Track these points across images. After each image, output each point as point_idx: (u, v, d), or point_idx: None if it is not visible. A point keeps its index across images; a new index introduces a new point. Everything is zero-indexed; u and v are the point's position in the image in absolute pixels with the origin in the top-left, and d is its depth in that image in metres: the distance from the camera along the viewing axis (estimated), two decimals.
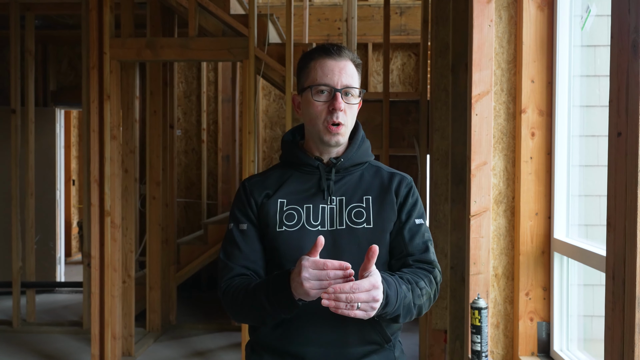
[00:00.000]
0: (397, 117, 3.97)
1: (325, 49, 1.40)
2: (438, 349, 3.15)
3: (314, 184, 1.42)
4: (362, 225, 1.38)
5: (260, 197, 1.42)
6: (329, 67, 1.38)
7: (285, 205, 1.40)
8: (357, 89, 1.40)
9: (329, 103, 1.37)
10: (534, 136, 2.18)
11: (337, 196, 1.41)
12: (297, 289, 1.20)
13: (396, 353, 1.43)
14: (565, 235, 2.15)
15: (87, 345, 4.35)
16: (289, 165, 1.47)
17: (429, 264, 1.42)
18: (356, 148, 1.46)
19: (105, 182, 3.78)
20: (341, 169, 1.43)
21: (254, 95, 3.71)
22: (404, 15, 5.79)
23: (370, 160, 1.49)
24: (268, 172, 1.49)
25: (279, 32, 4.55)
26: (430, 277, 1.40)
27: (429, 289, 1.38)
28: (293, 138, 1.51)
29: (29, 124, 4.94)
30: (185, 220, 6.37)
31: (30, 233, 4.97)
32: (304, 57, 1.44)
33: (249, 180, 1.48)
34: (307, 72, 1.41)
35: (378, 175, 1.47)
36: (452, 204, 2.62)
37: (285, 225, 1.38)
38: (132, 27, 4.01)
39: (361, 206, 1.40)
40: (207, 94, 6.29)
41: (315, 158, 1.44)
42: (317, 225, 1.38)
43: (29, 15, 4.86)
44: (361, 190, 1.43)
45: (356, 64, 1.42)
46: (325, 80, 1.37)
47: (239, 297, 1.34)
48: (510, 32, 2.22)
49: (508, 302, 2.24)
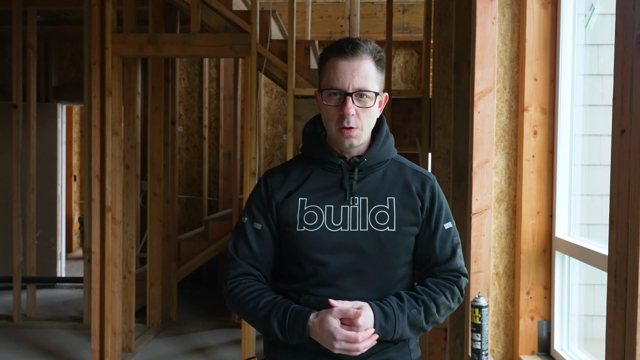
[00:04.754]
0: (399, 115, 3.97)
1: (340, 47, 1.34)
2: (438, 348, 3.15)
3: (336, 182, 1.39)
4: (385, 229, 1.36)
5: (282, 197, 1.40)
6: (341, 69, 1.33)
7: (306, 205, 1.38)
8: (372, 92, 1.34)
9: (339, 107, 1.33)
10: (537, 134, 2.17)
11: (360, 196, 1.38)
12: (323, 341, 1.29)
13: (411, 346, 1.45)
14: (567, 234, 2.15)
15: (87, 341, 4.35)
16: (310, 160, 1.43)
17: (456, 271, 1.44)
18: (380, 145, 1.42)
19: (107, 178, 3.78)
20: (364, 168, 1.40)
21: (256, 92, 3.71)
22: (406, 13, 5.78)
23: (393, 156, 1.46)
24: (290, 167, 1.45)
25: (281, 29, 4.54)
26: (453, 289, 1.42)
27: (449, 302, 1.42)
28: (314, 129, 1.46)
29: (30, 119, 4.93)
30: (186, 216, 6.37)
31: (31, 228, 4.97)
32: (322, 54, 1.40)
33: (270, 176, 1.44)
34: (322, 72, 1.38)
35: (401, 174, 1.43)
36: (453, 202, 2.61)
37: (305, 225, 1.36)
38: (134, 23, 4.00)
39: (384, 208, 1.38)
40: (209, 91, 6.28)
41: (338, 156, 1.40)
42: (338, 227, 1.36)
43: (31, 10, 4.85)
44: (384, 190, 1.40)
45: (376, 60, 1.35)
46: (337, 84, 1.33)
47: (248, 306, 1.36)
48: (513, 29, 2.21)
49: (509, 301, 2.24)
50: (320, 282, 1.35)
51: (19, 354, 4.19)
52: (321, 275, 1.35)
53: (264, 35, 3.91)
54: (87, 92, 4.60)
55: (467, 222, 2.25)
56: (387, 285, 1.38)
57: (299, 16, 5.23)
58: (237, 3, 4.29)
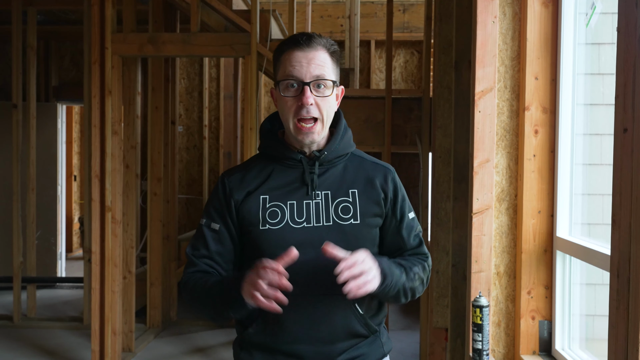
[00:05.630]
0: (400, 115, 3.96)
1: (295, 39, 1.33)
2: (439, 347, 3.14)
3: (297, 177, 1.37)
4: (350, 222, 1.35)
5: (241, 196, 1.37)
6: (297, 58, 1.31)
7: (268, 202, 1.36)
8: (329, 80, 1.32)
9: (297, 98, 1.31)
10: (538, 134, 2.17)
11: (322, 190, 1.37)
12: (246, 293, 1.23)
13: (383, 339, 1.45)
14: (568, 233, 2.14)
15: (87, 341, 4.34)
16: (269, 158, 1.41)
17: (423, 255, 1.48)
18: (339, 139, 1.40)
19: (106, 178, 3.77)
20: (324, 162, 1.38)
21: (256, 92, 3.70)
22: (407, 12, 5.77)
23: (352, 150, 1.45)
24: (249, 165, 1.43)
25: (282, 29, 4.53)
26: (423, 264, 1.45)
27: (422, 274, 1.43)
28: (271, 127, 1.45)
29: (30, 119, 4.93)
30: (186, 216, 6.37)
31: (32, 228, 4.96)
32: (276, 49, 1.38)
33: (228, 176, 1.42)
34: (278, 65, 1.36)
35: (362, 167, 1.43)
36: (454, 202, 2.61)
37: (268, 223, 1.34)
38: (134, 23, 4.00)
39: (348, 201, 1.37)
40: (209, 90, 6.27)
41: (298, 151, 1.38)
42: (301, 222, 1.34)
43: (31, 10, 4.85)
44: (346, 183, 1.39)
45: (331, 52, 1.34)
46: (293, 73, 1.30)
47: (196, 290, 1.35)
48: (514, 28, 2.20)
49: (510, 301, 2.23)
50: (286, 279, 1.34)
51: (19, 354, 4.18)
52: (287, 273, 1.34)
53: (264, 34, 3.90)
54: (87, 91, 4.59)
55: (468, 222, 2.25)
56: None
57: (299, 15, 5.22)
58: (237, 2, 4.29)
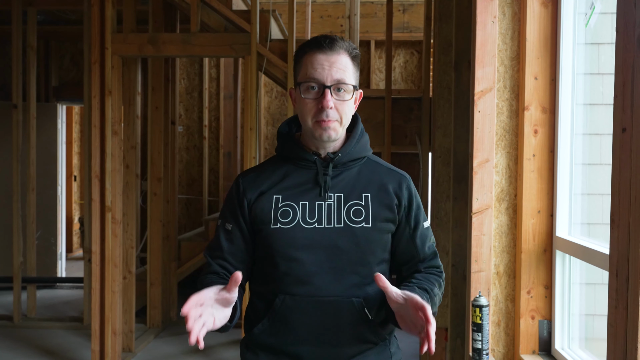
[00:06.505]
0: (399, 115, 3.97)
1: (317, 42, 1.34)
2: (439, 347, 3.14)
3: (310, 178, 1.38)
4: (361, 225, 1.35)
5: (254, 196, 1.39)
6: (319, 61, 1.32)
7: (281, 202, 1.37)
8: (350, 85, 1.34)
9: (317, 100, 1.33)
10: (537, 134, 2.17)
11: (334, 192, 1.37)
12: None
13: (392, 349, 1.43)
14: (568, 233, 2.14)
15: (87, 341, 4.34)
16: (285, 159, 1.43)
17: (437, 268, 1.46)
18: (355, 142, 1.41)
19: (106, 178, 3.78)
20: (339, 164, 1.39)
21: (256, 92, 3.71)
22: (406, 12, 5.78)
23: (368, 155, 1.46)
24: (264, 166, 1.46)
25: (281, 29, 4.53)
26: (440, 282, 1.44)
27: (440, 294, 1.43)
28: (289, 130, 1.46)
29: (30, 119, 4.93)
30: (186, 216, 6.37)
31: (32, 228, 4.96)
32: (298, 50, 1.40)
33: (243, 176, 1.44)
34: (299, 67, 1.38)
35: (377, 172, 1.43)
36: (454, 202, 2.61)
37: (280, 222, 1.35)
38: (134, 23, 4.00)
39: (360, 204, 1.37)
40: (209, 91, 6.28)
41: (313, 152, 1.40)
42: (313, 223, 1.35)
43: (31, 10, 4.85)
44: (360, 186, 1.39)
45: (352, 56, 1.35)
46: (315, 75, 1.32)
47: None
48: (513, 28, 2.21)
49: (509, 300, 2.23)
50: (295, 280, 1.33)
51: (19, 354, 4.18)
52: (295, 273, 1.33)
53: (264, 34, 3.90)
54: (87, 92, 4.59)
55: (468, 222, 2.25)
56: (363, 283, 1.35)
57: (299, 16, 5.22)
58: (237, 2, 4.29)
